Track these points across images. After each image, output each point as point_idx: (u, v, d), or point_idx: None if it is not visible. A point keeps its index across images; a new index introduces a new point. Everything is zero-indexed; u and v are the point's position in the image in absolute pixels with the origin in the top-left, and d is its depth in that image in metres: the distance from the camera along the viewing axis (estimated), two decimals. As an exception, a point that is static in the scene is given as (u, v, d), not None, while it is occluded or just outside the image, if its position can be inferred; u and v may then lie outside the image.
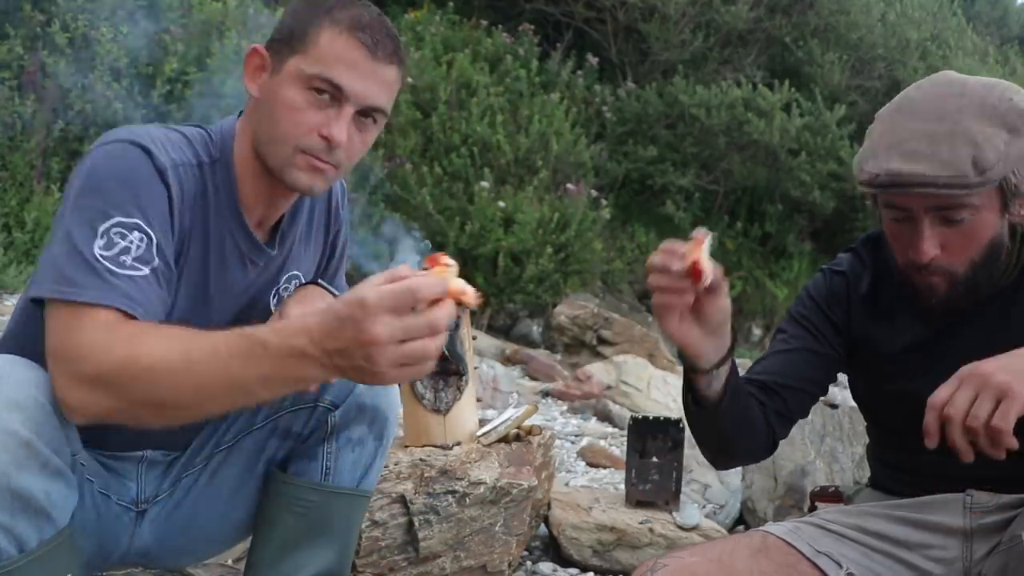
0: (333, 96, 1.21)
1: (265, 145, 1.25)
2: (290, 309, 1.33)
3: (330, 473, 1.43)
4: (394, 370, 0.96)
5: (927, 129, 1.23)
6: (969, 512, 1.35)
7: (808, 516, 1.48)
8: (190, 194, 1.23)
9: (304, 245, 1.46)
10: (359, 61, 1.21)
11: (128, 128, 1.24)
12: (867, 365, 1.47)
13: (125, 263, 1.12)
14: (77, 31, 5.09)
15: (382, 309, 0.93)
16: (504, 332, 7.54)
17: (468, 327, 2.18)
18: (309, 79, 1.20)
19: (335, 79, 1.20)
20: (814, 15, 10.15)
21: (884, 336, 1.43)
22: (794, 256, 10.20)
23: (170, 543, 1.48)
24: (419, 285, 0.94)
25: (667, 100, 9.10)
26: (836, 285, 1.48)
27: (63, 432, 1.13)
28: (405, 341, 0.94)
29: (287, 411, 1.44)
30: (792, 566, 1.33)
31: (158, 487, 1.46)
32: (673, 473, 2.33)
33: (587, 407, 4.62)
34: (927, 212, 1.25)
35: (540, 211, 7.07)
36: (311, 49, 1.21)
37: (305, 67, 1.20)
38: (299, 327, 0.99)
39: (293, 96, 1.21)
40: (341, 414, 1.42)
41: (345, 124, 1.22)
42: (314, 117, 1.21)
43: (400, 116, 7.46)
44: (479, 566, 2.00)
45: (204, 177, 1.26)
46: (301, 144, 1.22)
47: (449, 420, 2.08)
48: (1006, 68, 11.85)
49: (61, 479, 1.13)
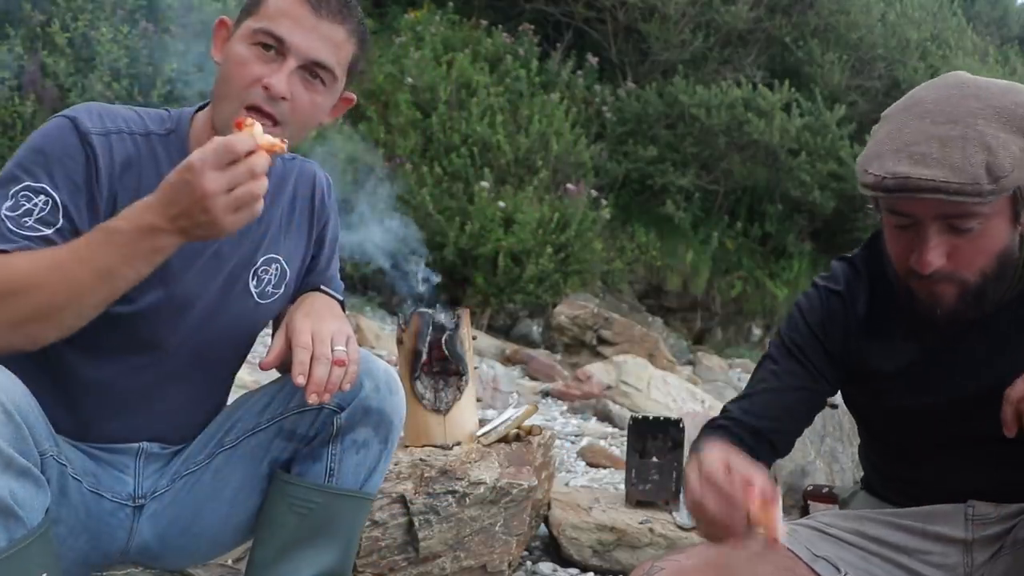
0: (277, 50, 1.28)
1: (217, 104, 1.32)
2: (297, 321, 1.33)
3: (334, 475, 1.43)
4: (230, 216, 1.12)
5: (938, 132, 1.15)
6: (971, 523, 1.33)
7: (806, 519, 1.47)
8: (123, 157, 1.30)
9: (285, 232, 1.48)
10: (302, 16, 1.28)
11: (86, 104, 1.35)
12: (866, 383, 1.39)
13: (26, 224, 1.23)
14: (77, 31, 5.10)
15: (207, 166, 1.10)
16: (504, 332, 7.54)
17: (468, 327, 2.18)
18: (255, 34, 1.29)
19: (276, 31, 1.27)
20: (814, 15, 10.15)
21: (883, 355, 1.35)
22: (794, 256, 10.20)
23: (171, 541, 1.47)
24: (232, 140, 1.12)
25: (667, 100, 9.10)
26: (832, 309, 1.37)
27: (27, 432, 1.15)
28: (232, 189, 1.11)
29: (292, 413, 1.43)
30: (790, 570, 1.31)
31: (156, 482, 1.46)
32: (673, 473, 2.33)
33: (587, 407, 4.63)
34: (934, 220, 1.16)
35: (540, 211, 7.07)
36: (260, 9, 1.30)
37: (253, 24, 1.29)
38: (142, 206, 1.15)
39: (241, 51, 1.29)
40: (347, 416, 1.41)
41: (286, 75, 1.27)
42: (258, 69, 1.28)
43: (400, 116, 7.47)
44: (479, 566, 2.00)
45: (152, 144, 1.34)
46: (245, 99, 1.28)
47: (449, 420, 2.08)
48: (1006, 68, 11.85)
49: (28, 478, 1.14)
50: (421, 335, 2.07)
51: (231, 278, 1.41)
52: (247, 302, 1.44)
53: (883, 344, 1.35)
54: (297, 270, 1.51)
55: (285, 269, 1.48)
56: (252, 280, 1.44)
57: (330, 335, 1.29)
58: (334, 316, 1.36)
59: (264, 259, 1.45)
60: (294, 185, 1.50)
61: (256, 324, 1.50)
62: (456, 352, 2.08)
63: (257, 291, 1.45)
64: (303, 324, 1.30)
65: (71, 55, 5.05)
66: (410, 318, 2.09)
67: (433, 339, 2.07)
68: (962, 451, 1.34)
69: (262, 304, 1.46)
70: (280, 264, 1.47)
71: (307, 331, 1.29)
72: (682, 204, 9.14)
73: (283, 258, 1.48)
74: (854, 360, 1.37)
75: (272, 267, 1.46)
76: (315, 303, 1.39)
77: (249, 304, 1.45)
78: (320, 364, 1.25)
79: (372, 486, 1.47)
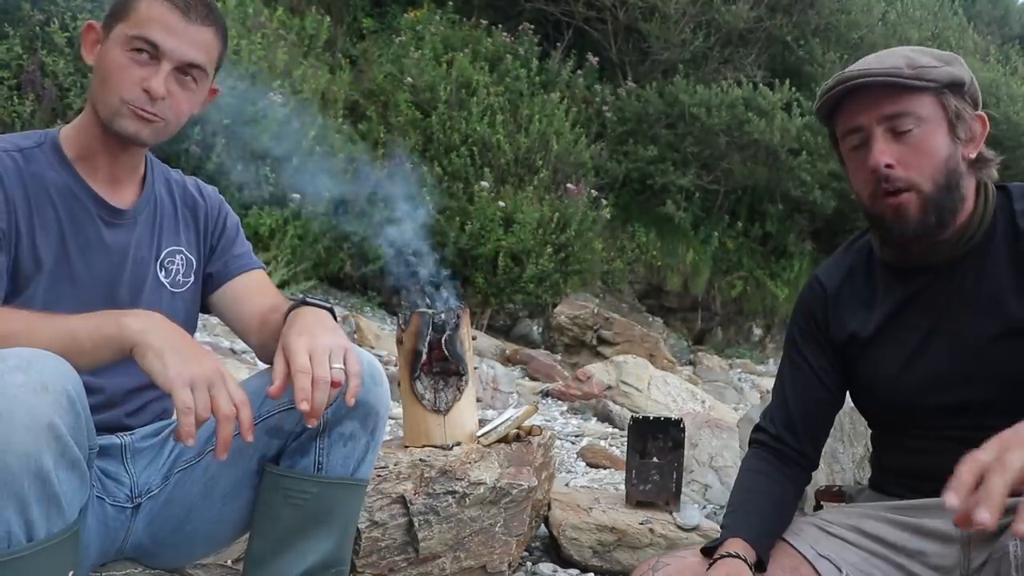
0: (152, 55, 1.39)
1: (98, 102, 1.42)
2: (292, 342, 1.33)
3: (322, 468, 1.45)
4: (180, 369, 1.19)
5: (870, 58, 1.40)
6: None
7: (809, 516, 1.49)
8: (11, 168, 1.40)
9: (177, 226, 1.59)
10: (173, 23, 1.39)
11: None
12: (856, 358, 1.49)
13: None
14: (76, 31, 5.09)
15: None
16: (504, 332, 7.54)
17: (468, 327, 2.17)
18: (130, 40, 1.39)
19: (150, 37, 1.38)
20: (815, 14, 10.15)
21: (861, 320, 1.47)
22: (794, 256, 10.21)
23: (165, 539, 1.49)
24: None
25: (667, 100, 9.10)
26: (814, 292, 1.54)
27: (84, 423, 1.15)
28: None
29: (280, 410, 1.45)
30: (795, 568, 1.34)
31: (150, 478, 1.49)
32: (673, 473, 2.33)
33: (587, 407, 4.62)
34: (878, 124, 1.34)
35: (540, 211, 7.07)
36: (132, 16, 1.40)
37: (127, 30, 1.39)
38: None
39: (118, 57, 1.39)
40: (333, 411, 1.43)
41: (163, 78, 1.39)
42: (137, 72, 1.39)
43: (400, 116, 7.46)
44: (479, 566, 2.00)
45: (28, 154, 1.43)
46: (126, 97, 1.39)
47: (449, 420, 2.08)
48: (1007, 67, 11.85)
49: (76, 471, 1.14)
50: (421, 335, 2.06)
51: (137, 272, 1.51)
52: (162, 293, 1.54)
53: (860, 309, 1.48)
54: (199, 257, 1.62)
55: (190, 258, 1.60)
56: (160, 272, 1.55)
57: (327, 352, 1.30)
58: (327, 329, 1.36)
59: (167, 251, 1.56)
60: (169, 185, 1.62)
61: (180, 313, 1.56)
62: (456, 352, 2.07)
63: (168, 281, 1.56)
64: (298, 344, 1.30)
65: (70, 55, 5.04)
66: (410, 318, 2.08)
67: (433, 339, 2.06)
68: (955, 428, 1.37)
69: (177, 293, 1.57)
70: (184, 254, 1.59)
71: (304, 351, 1.29)
72: (682, 204, 9.14)
73: (184, 248, 1.59)
74: (835, 333, 1.50)
75: (177, 257, 1.58)
76: (306, 320, 1.39)
77: (165, 295, 1.55)
78: (319, 390, 1.26)
79: (362, 474, 1.49)
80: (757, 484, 1.49)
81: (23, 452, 1.06)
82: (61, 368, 1.12)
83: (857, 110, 1.36)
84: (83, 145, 1.46)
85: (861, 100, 1.36)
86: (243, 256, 1.66)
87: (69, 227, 1.43)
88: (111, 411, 1.49)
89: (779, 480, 1.49)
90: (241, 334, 1.62)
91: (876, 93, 1.34)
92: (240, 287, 1.63)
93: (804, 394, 1.52)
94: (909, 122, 1.33)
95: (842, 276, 1.52)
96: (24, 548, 1.09)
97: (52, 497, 1.11)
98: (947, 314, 1.38)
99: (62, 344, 1.20)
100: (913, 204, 1.33)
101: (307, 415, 1.26)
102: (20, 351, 1.11)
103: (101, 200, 1.46)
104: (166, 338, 1.22)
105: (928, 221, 1.34)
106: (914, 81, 1.32)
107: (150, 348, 1.20)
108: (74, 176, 1.45)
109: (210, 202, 1.65)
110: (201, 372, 1.19)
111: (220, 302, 1.63)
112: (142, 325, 1.22)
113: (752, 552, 1.34)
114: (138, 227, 1.52)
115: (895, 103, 1.33)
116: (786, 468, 1.50)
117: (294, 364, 1.27)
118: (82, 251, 1.44)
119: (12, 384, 1.06)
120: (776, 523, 1.44)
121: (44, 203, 1.41)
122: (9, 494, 1.07)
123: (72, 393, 1.12)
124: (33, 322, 1.23)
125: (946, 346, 1.38)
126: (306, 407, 1.25)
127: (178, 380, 1.17)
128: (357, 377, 1.32)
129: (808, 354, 1.52)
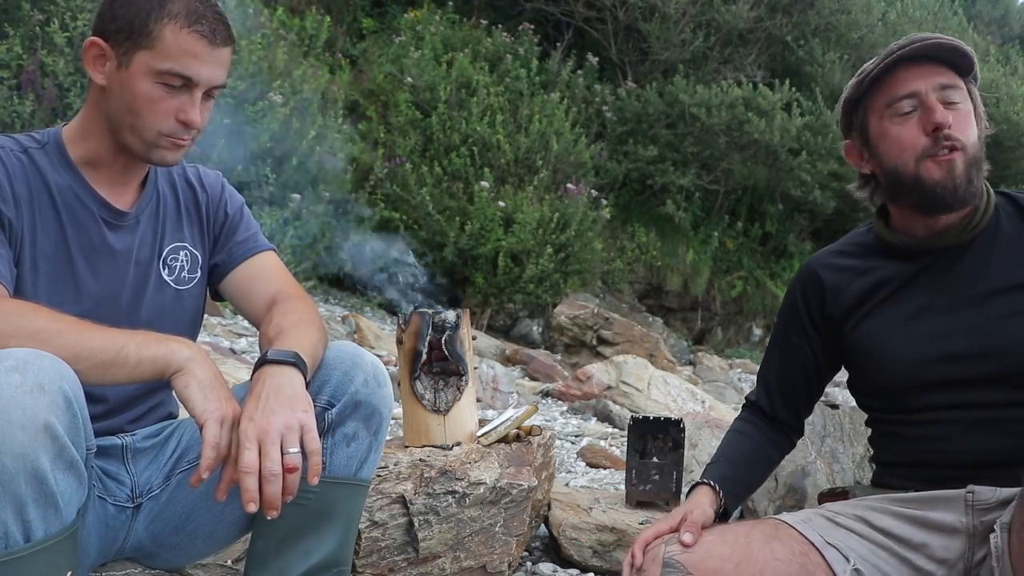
0: (184, 85, 1.39)
1: (126, 131, 1.41)
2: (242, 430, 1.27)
3: (325, 468, 1.44)
4: None
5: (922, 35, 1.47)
6: (972, 510, 1.37)
7: (816, 509, 1.53)
8: (17, 167, 1.40)
9: (179, 222, 1.59)
10: (202, 52, 1.39)
11: None
12: (854, 331, 1.56)
13: None
14: (76, 30, 5.09)
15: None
16: (504, 332, 7.54)
17: (468, 327, 2.17)
18: (161, 75, 1.37)
19: (185, 72, 1.38)
20: (815, 14, 10.15)
21: (860, 293, 1.55)
22: (794, 256, 10.21)
23: (165, 539, 1.49)
24: None
25: (667, 100, 9.10)
26: (809, 276, 1.63)
27: (81, 424, 1.15)
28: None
29: None
30: (804, 554, 1.38)
31: (151, 478, 1.48)
32: (673, 473, 2.33)
33: (587, 407, 4.62)
34: (933, 91, 1.43)
35: (540, 211, 7.07)
36: (157, 45, 1.37)
37: (155, 64, 1.37)
38: None
39: (149, 90, 1.38)
40: (337, 412, 1.44)
41: (198, 107, 1.41)
42: (171, 104, 1.39)
43: (400, 116, 7.46)
44: (479, 566, 2.00)
45: (32, 155, 1.43)
46: (164, 131, 1.40)
47: (449, 420, 2.07)
48: (1007, 67, 11.85)
49: (73, 472, 1.14)
50: (421, 335, 2.06)
51: (140, 273, 1.50)
52: (166, 292, 1.54)
53: (857, 282, 1.55)
54: (204, 251, 1.62)
55: (194, 253, 1.59)
56: (164, 270, 1.55)
57: (278, 438, 1.22)
58: (283, 401, 1.26)
59: (171, 248, 1.56)
60: (171, 180, 1.61)
61: (186, 310, 1.57)
62: (456, 352, 2.07)
63: (172, 279, 1.55)
64: (248, 432, 1.22)
65: (70, 55, 5.04)
66: (410, 318, 2.08)
67: (433, 339, 2.06)
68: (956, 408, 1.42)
69: (182, 290, 1.56)
70: (188, 250, 1.59)
71: (252, 442, 1.21)
72: (682, 204, 9.14)
73: (188, 243, 1.59)
74: (833, 308, 1.58)
75: (181, 254, 1.58)
76: (263, 391, 1.28)
77: (169, 293, 1.54)
78: (270, 484, 1.21)
79: (365, 474, 1.49)
80: (734, 440, 1.67)
81: (19, 453, 1.06)
82: (58, 368, 1.12)
83: (913, 77, 1.45)
84: (90, 151, 1.46)
85: (919, 68, 1.44)
86: (247, 241, 1.65)
87: (71, 229, 1.43)
88: (113, 418, 1.50)
89: (757, 438, 1.66)
90: (252, 322, 1.62)
91: (931, 65, 1.44)
92: (245, 275, 1.62)
93: (784, 371, 1.67)
94: (957, 95, 1.44)
95: (839, 256, 1.61)
96: (21, 549, 1.09)
97: (49, 498, 1.11)
98: (955, 289, 1.45)
99: (109, 354, 1.19)
100: (961, 162, 1.42)
101: (264, 508, 1.21)
102: (17, 351, 1.11)
103: (104, 202, 1.47)
104: (211, 372, 1.25)
105: (972, 180, 1.43)
106: (970, 70, 1.46)
107: (195, 378, 1.22)
108: (78, 179, 1.45)
109: (211, 192, 1.64)
110: (234, 413, 1.24)
111: (228, 290, 1.64)
112: (191, 353, 1.24)
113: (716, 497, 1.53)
114: (140, 227, 1.52)
115: (949, 76, 1.44)
116: (769, 428, 1.67)
117: (240, 461, 1.20)
118: (84, 253, 1.44)
119: (8, 385, 1.06)
120: (747, 475, 1.62)
121: (46, 205, 1.41)
122: (6, 495, 1.07)
123: (69, 393, 1.12)
124: (82, 326, 1.22)
125: (952, 320, 1.44)
126: (253, 508, 1.20)
127: (215, 414, 1.21)
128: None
129: (792, 335, 1.64)
